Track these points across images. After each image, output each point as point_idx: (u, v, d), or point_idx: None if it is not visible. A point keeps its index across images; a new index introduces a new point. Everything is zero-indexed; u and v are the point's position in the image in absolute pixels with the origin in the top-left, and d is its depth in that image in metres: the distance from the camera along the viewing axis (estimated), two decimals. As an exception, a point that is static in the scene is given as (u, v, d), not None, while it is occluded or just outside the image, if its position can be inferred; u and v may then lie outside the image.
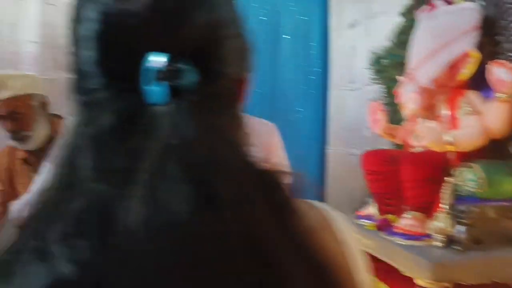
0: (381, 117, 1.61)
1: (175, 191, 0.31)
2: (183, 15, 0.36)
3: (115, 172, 0.33)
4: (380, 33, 2.10)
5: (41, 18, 2.27)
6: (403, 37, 1.85)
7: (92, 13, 0.36)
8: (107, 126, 0.34)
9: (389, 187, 1.39)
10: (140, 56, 0.34)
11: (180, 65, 0.34)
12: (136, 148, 0.33)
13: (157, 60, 0.34)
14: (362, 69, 2.27)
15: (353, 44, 2.58)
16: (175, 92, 0.34)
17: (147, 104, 0.34)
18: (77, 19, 0.39)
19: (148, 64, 0.34)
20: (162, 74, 0.33)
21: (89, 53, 0.37)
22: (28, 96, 1.54)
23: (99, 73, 0.36)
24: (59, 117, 1.69)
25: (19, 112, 1.52)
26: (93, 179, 0.33)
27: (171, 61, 0.34)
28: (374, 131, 1.66)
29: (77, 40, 0.39)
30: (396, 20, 1.96)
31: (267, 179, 0.36)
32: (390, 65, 1.91)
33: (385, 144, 1.90)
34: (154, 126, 0.33)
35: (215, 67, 0.37)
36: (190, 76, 0.34)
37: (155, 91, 0.34)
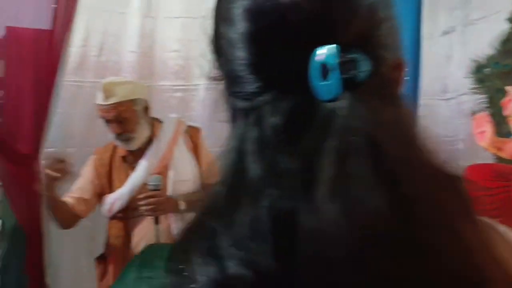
0: (488, 129, 1.50)
1: (366, 191, 0.29)
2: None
3: (289, 174, 0.32)
4: (479, 40, 1.97)
5: (140, 30, 2.44)
6: (509, 44, 1.72)
7: (244, 12, 0.34)
8: (275, 129, 0.33)
9: (498, 203, 1.28)
10: (306, 52, 0.32)
11: (353, 55, 0.32)
12: (311, 148, 0.31)
13: (327, 53, 0.32)
14: (457, 78, 2.15)
15: (448, 52, 2.45)
16: (347, 84, 0.32)
17: (318, 101, 0.32)
18: (225, 21, 0.36)
19: (317, 59, 0.32)
20: (335, 67, 0.31)
21: (244, 55, 0.35)
22: (132, 101, 1.65)
23: (258, 75, 0.34)
24: (158, 120, 1.80)
25: (124, 117, 1.63)
26: (265, 183, 0.32)
27: (342, 51, 0.31)
28: (480, 143, 1.56)
29: (227, 43, 0.36)
30: (498, 27, 1.83)
31: (454, 181, 0.33)
32: (494, 74, 1.79)
33: (481, 157, 1.77)
34: (330, 123, 0.31)
35: (380, 52, 0.34)
36: (363, 66, 0.32)
37: (328, 86, 0.32)
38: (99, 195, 1.72)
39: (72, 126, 2.37)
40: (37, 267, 2.31)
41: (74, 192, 1.72)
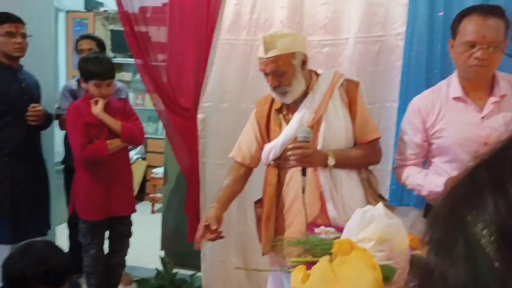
0: None
1: None
2: None
3: None
4: None
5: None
6: None
7: None
8: None
9: None
10: None
11: None
12: None
13: None
14: None
15: None
16: None
17: None
18: None
19: None
20: None
21: None
22: (291, 55, 1.65)
23: None
24: (315, 73, 1.78)
25: (282, 70, 1.64)
26: None
27: None
28: None
29: None
30: None
31: None
32: None
33: None
34: None
35: None
36: None
37: None
38: (261, 145, 1.79)
39: (226, 82, 2.51)
40: (194, 209, 2.59)
41: (242, 144, 1.84)
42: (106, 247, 2.59)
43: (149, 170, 5.02)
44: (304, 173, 1.61)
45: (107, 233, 2.57)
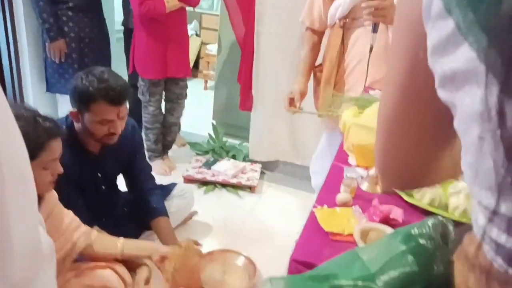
0: None
1: None
2: None
3: None
4: None
5: None
6: None
7: None
8: None
9: None
10: None
11: None
12: None
13: None
14: None
15: None
16: None
17: None
18: None
19: None
20: None
21: None
22: None
23: None
24: None
25: None
26: None
27: None
28: None
29: None
30: None
31: None
32: None
33: None
34: None
35: None
36: None
37: None
38: (329, 5, 1.71)
39: None
40: (247, 78, 2.65)
41: (311, 6, 1.79)
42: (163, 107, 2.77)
43: (203, 47, 5.05)
44: (375, 29, 1.54)
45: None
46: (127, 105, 1.61)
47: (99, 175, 1.72)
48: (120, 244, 1.46)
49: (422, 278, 0.46)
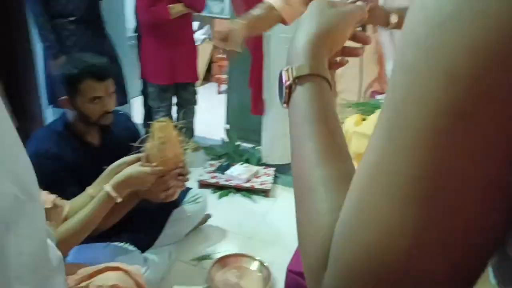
0: None
1: None
2: None
3: None
4: None
5: None
6: None
7: None
8: None
9: None
10: None
11: None
12: None
13: None
14: None
15: None
16: None
17: None
18: None
19: None
20: None
21: None
22: None
23: None
24: None
25: None
26: None
27: None
28: None
29: None
30: None
31: None
32: None
33: None
34: None
35: None
36: None
37: None
38: None
39: None
40: (257, 83, 2.66)
41: None
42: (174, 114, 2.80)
43: (215, 51, 5.08)
44: (363, 28, 1.53)
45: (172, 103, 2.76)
46: (113, 82, 1.65)
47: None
48: (88, 190, 1.44)
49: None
